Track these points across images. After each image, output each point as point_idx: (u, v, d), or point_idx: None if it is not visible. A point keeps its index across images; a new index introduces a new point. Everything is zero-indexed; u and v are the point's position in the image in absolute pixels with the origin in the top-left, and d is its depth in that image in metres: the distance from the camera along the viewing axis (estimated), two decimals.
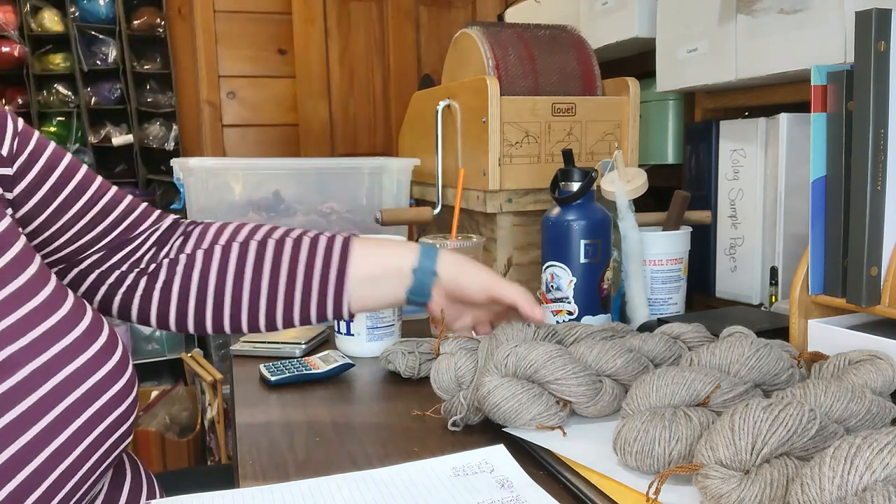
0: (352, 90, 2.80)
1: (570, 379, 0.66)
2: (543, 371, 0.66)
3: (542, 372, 0.66)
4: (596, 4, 1.35)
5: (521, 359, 0.68)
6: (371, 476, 0.60)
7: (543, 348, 0.68)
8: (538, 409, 0.65)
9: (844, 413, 0.57)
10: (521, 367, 0.68)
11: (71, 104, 2.63)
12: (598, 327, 0.80)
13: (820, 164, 0.76)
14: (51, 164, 0.63)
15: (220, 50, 2.68)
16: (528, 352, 0.67)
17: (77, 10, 2.58)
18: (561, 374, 0.66)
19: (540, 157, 1.12)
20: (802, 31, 0.91)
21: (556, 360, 0.67)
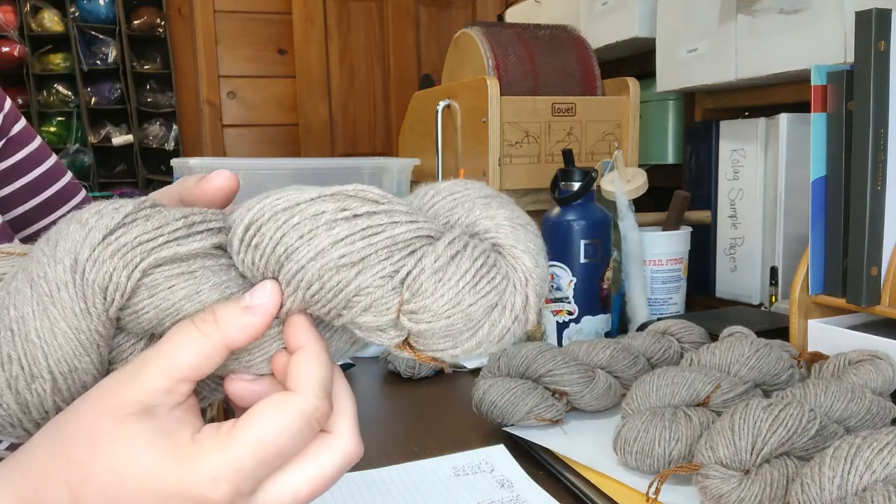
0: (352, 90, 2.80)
1: (561, 369, 0.67)
2: (535, 365, 0.68)
3: (534, 366, 0.68)
4: (596, 4, 1.35)
5: (511, 357, 0.69)
6: (371, 476, 0.60)
7: (533, 345, 0.70)
8: (534, 400, 0.66)
9: (844, 413, 0.57)
10: (513, 365, 0.69)
11: (71, 104, 2.63)
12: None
13: (820, 164, 0.76)
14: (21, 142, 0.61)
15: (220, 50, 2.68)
16: (518, 350, 0.69)
17: (77, 10, 2.58)
18: (552, 365, 0.67)
19: (540, 157, 1.12)
20: (802, 31, 0.91)
21: (546, 353, 0.68)
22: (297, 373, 0.31)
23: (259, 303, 0.30)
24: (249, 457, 0.29)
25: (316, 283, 0.30)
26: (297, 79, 2.74)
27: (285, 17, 2.72)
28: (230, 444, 0.29)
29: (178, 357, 0.30)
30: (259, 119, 2.76)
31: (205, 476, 0.28)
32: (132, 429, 0.29)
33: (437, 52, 2.82)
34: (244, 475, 0.29)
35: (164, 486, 0.28)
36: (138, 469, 0.28)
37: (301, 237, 0.30)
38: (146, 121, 2.72)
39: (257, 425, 0.29)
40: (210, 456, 0.29)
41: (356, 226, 0.30)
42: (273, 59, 2.74)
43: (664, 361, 0.75)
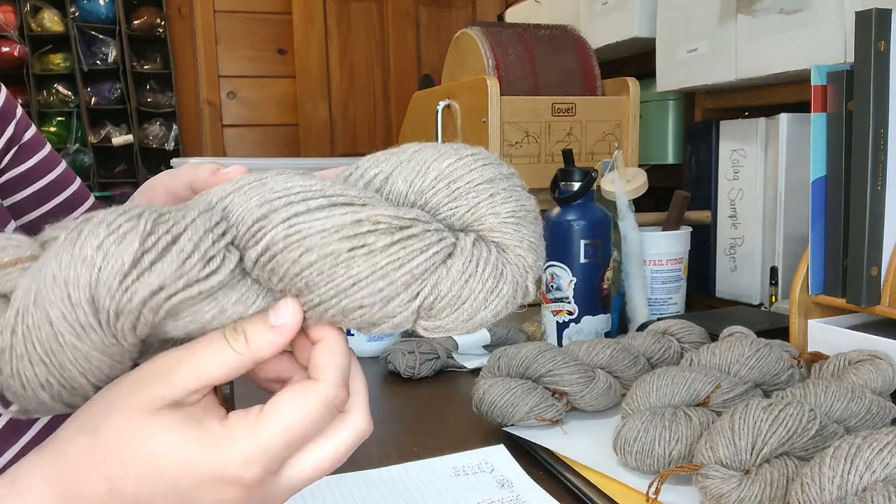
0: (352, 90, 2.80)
1: (561, 369, 0.67)
2: (535, 365, 0.68)
3: (534, 366, 0.68)
4: (596, 4, 1.35)
5: (511, 357, 0.69)
6: (371, 476, 0.60)
7: (533, 345, 0.70)
8: (534, 400, 0.66)
9: (844, 413, 0.57)
10: (513, 365, 0.69)
11: (71, 104, 2.63)
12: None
13: (820, 164, 0.76)
14: None
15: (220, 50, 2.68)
16: (518, 350, 0.69)
17: (77, 10, 2.58)
18: (552, 365, 0.67)
19: (540, 157, 1.12)
20: (802, 31, 0.91)
21: (546, 353, 0.68)
22: (319, 362, 0.33)
23: (284, 322, 0.32)
24: (277, 440, 0.31)
25: (339, 315, 0.32)
26: (297, 79, 2.74)
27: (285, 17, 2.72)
28: (259, 428, 0.31)
29: (210, 366, 0.32)
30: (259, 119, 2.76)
31: (237, 459, 0.31)
32: (165, 421, 0.31)
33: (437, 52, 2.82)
34: (272, 456, 0.31)
35: (199, 470, 0.31)
36: (175, 456, 0.30)
37: (321, 274, 0.31)
38: (146, 121, 2.72)
39: (284, 411, 0.32)
40: (241, 440, 0.31)
41: (376, 264, 0.31)
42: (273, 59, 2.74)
43: (664, 361, 0.75)
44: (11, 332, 0.30)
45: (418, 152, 0.35)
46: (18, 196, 0.61)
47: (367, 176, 0.35)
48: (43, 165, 0.62)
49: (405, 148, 0.35)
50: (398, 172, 0.34)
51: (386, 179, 0.34)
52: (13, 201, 0.60)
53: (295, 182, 0.32)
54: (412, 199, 0.34)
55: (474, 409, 0.68)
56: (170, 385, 0.31)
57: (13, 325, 0.30)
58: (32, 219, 0.62)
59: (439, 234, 0.33)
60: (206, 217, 0.31)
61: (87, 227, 0.30)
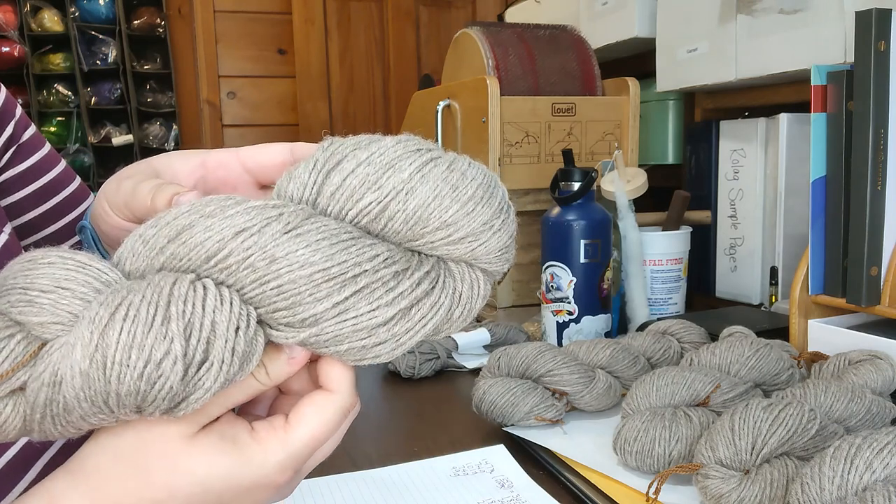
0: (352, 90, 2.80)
1: (561, 369, 0.67)
2: (535, 365, 0.67)
3: (534, 366, 0.68)
4: (596, 4, 1.35)
5: (511, 357, 0.69)
6: (371, 476, 0.60)
7: (533, 345, 0.69)
8: (534, 400, 0.66)
9: (844, 413, 0.57)
10: (513, 365, 0.69)
11: (71, 104, 2.63)
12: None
13: (820, 164, 0.76)
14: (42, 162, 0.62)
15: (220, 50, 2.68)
16: (518, 350, 0.69)
17: (77, 10, 2.58)
18: (552, 365, 0.67)
19: (540, 157, 1.12)
20: (802, 31, 0.91)
21: (546, 353, 0.68)
22: (332, 375, 0.37)
23: (299, 356, 0.36)
24: (305, 447, 0.36)
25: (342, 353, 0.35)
26: (297, 79, 2.74)
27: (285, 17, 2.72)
28: (289, 439, 0.36)
29: (234, 396, 0.36)
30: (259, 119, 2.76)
31: (274, 468, 0.35)
32: (204, 444, 0.34)
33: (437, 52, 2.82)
34: (301, 460, 0.36)
35: (242, 482, 0.35)
36: (220, 475, 0.34)
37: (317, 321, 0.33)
38: (146, 121, 2.72)
39: (310, 422, 0.36)
40: (276, 452, 0.35)
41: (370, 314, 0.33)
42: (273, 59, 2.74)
43: (664, 361, 0.75)
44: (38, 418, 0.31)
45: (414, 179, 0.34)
46: (17, 195, 0.61)
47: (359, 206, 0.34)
48: (42, 165, 0.62)
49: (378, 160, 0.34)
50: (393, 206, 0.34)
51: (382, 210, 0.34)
52: (12, 201, 0.60)
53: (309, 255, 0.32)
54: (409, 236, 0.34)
55: (474, 409, 0.68)
56: (200, 414, 0.34)
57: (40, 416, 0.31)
58: (31, 218, 0.62)
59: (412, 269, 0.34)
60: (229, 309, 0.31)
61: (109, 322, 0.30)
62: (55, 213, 0.63)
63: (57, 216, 0.63)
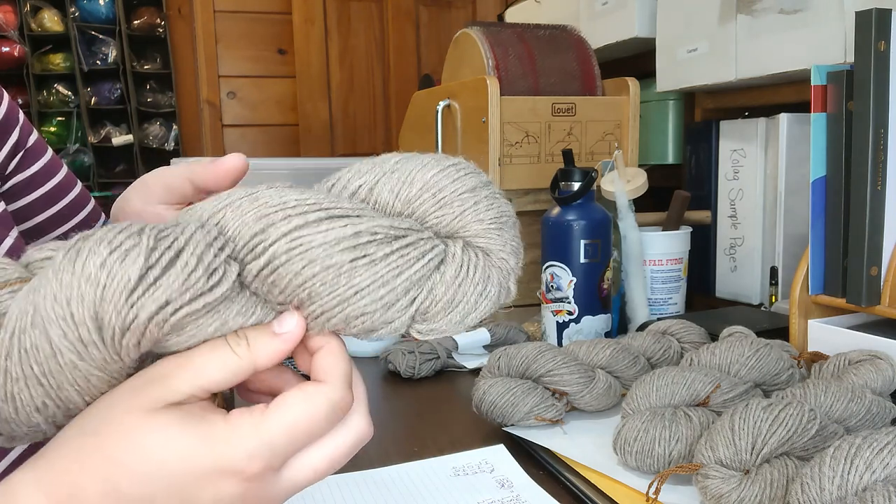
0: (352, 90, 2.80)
1: (561, 369, 0.67)
2: (535, 365, 0.67)
3: (533, 366, 0.68)
4: (596, 4, 1.35)
5: (511, 357, 0.69)
6: (371, 476, 0.60)
7: (533, 345, 0.69)
8: (534, 400, 0.66)
9: (844, 413, 0.57)
10: (513, 365, 0.69)
11: (71, 104, 2.64)
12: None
13: (820, 164, 0.76)
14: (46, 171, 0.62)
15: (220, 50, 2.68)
16: (518, 350, 0.69)
17: (77, 10, 2.58)
18: (552, 365, 0.67)
19: (540, 157, 1.11)
20: (802, 31, 0.91)
21: (546, 353, 0.68)
22: (323, 366, 0.34)
23: (287, 331, 0.33)
24: (282, 436, 0.31)
25: (341, 323, 0.33)
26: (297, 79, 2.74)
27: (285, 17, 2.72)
28: (264, 423, 0.31)
29: (209, 371, 0.32)
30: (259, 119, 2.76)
31: (241, 452, 0.31)
32: (164, 419, 0.31)
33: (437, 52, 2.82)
34: (276, 453, 0.31)
35: (200, 464, 0.30)
36: (177, 453, 0.30)
37: (324, 285, 0.32)
38: (146, 121, 2.72)
39: (290, 409, 0.32)
40: (245, 434, 0.31)
41: (377, 273, 0.32)
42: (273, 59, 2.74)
43: (664, 361, 0.75)
44: (6, 356, 0.30)
45: (401, 163, 0.36)
46: (25, 200, 0.61)
47: (350, 187, 0.36)
48: (46, 170, 0.63)
49: (385, 158, 0.36)
50: (383, 183, 0.35)
51: (371, 190, 0.35)
52: (21, 205, 0.61)
53: (289, 196, 0.33)
54: (399, 208, 0.35)
55: (474, 409, 0.68)
56: (167, 390, 0.31)
57: (8, 349, 0.30)
58: (38, 222, 0.62)
59: (431, 241, 0.34)
60: (203, 231, 0.31)
61: (87, 245, 0.29)
62: (61, 216, 0.64)
63: (63, 220, 0.64)
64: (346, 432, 0.34)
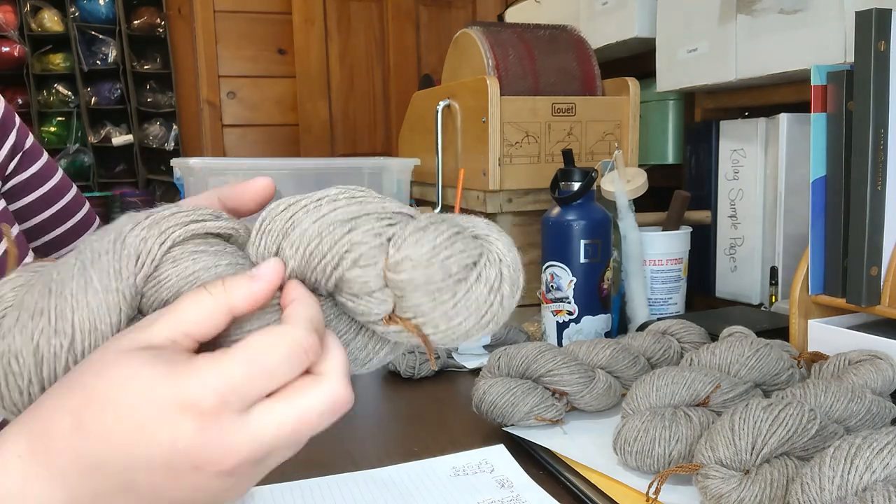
0: (352, 90, 2.80)
1: (561, 369, 0.67)
2: (535, 365, 0.67)
3: (533, 366, 0.68)
4: (596, 4, 1.35)
5: (511, 357, 0.69)
6: (371, 476, 0.60)
7: (533, 345, 0.69)
8: (534, 400, 0.66)
9: (844, 413, 0.57)
10: (513, 365, 0.69)
11: (71, 104, 2.63)
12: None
13: (820, 164, 0.76)
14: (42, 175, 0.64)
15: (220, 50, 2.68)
16: (518, 350, 0.69)
17: (77, 10, 2.58)
18: (552, 365, 0.67)
19: (540, 157, 1.12)
20: (802, 31, 0.91)
21: (546, 353, 0.68)
22: (289, 313, 0.34)
23: (264, 272, 0.34)
24: (239, 371, 0.31)
25: (315, 239, 0.35)
26: (297, 79, 2.74)
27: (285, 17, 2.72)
28: (223, 359, 0.31)
29: (186, 314, 0.32)
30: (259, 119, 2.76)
31: (196, 385, 0.31)
32: (135, 357, 0.31)
33: (437, 52, 2.82)
34: (232, 388, 0.31)
35: (159, 396, 0.30)
36: (137, 384, 0.31)
37: (305, 210, 0.36)
38: (146, 121, 2.72)
39: (249, 345, 0.32)
40: (203, 368, 0.31)
41: (352, 201, 0.36)
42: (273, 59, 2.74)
43: (664, 361, 0.75)
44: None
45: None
46: (26, 200, 0.62)
47: None
48: (44, 172, 0.64)
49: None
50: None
51: None
52: (21, 205, 0.62)
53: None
54: None
55: (474, 409, 0.68)
56: (145, 334, 0.32)
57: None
58: (39, 221, 0.63)
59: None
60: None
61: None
62: (61, 216, 0.65)
63: (62, 219, 0.65)
64: (318, 393, 0.33)
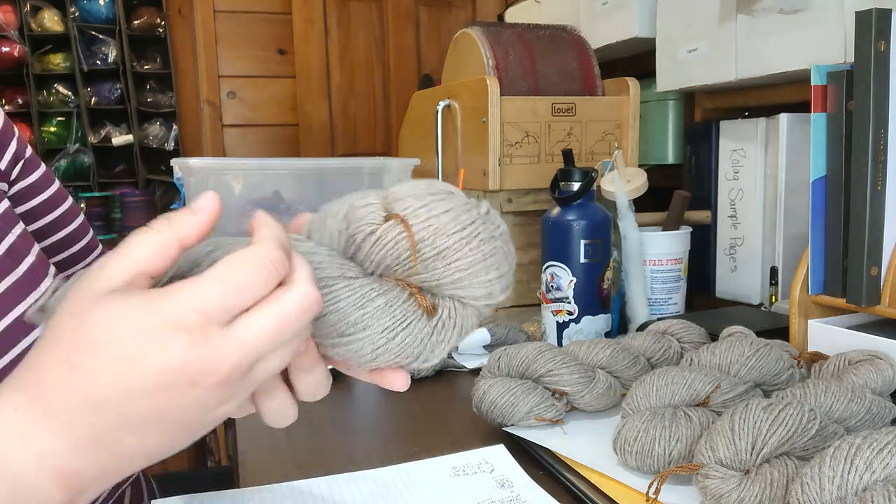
0: (352, 90, 2.80)
1: (561, 369, 0.67)
2: (535, 365, 0.67)
3: (533, 366, 0.68)
4: (596, 4, 1.35)
5: (511, 357, 0.69)
6: (371, 476, 0.60)
7: (533, 345, 0.69)
8: (534, 400, 0.66)
9: (844, 413, 0.57)
10: (513, 365, 0.69)
11: (71, 104, 2.63)
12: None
13: (820, 164, 0.76)
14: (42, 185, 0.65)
15: (220, 50, 2.68)
16: (518, 350, 0.69)
17: (77, 10, 2.58)
18: (552, 365, 0.67)
19: (540, 157, 1.12)
20: (802, 31, 0.91)
21: (546, 353, 0.68)
22: (257, 236, 0.36)
23: (204, 205, 0.36)
24: (215, 287, 0.33)
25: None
26: (297, 79, 2.74)
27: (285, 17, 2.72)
28: (198, 281, 0.34)
29: (135, 253, 0.35)
30: (259, 119, 2.76)
31: (179, 307, 0.33)
32: (108, 298, 0.33)
33: (437, 52, 2.82)
34: (212, 303, 0.33)
35: (145, 323, 0.33)
36: (121, 318, 0.33)
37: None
38: (146, 121, 2.72)
39: (221, 264, 0.34)
40: (182, 290, 0.33)
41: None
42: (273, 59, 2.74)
43: (664, 361, 0.75)
44: None
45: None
46: (31, 203, 0.65)
47: None
48: (44, 180, 0.67)
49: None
50: None
51: None
52: (27, 208, 0.65)
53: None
54: None
55: (474, 409, 0.68)
56: (103, 280, 0.34)
57: None
58: (40, 227, 0.66)
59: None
60: None
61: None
62: (64, 219, 0.67)
63: (65, 223, 0.67)
64: (290, 295, 0.35)
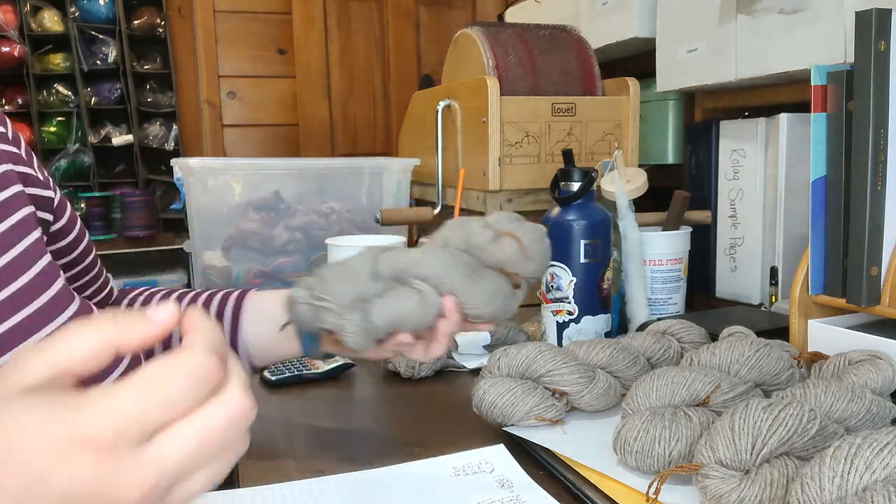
0: (352, 90, 2.80)
1: (561, 369, 0.67)
2: (535, 365, 0.68)
3: (534, 367, 0.68)
4: (596, 4, 1.35)
5: (511, 358, 0.69)
6: (371, 476, 0.60)
7: (533, 345, 0.69)
8: (534, 400, 0.66)
9: (844, 413, 0.57)
10: (513, 365, 0.69)
11: (71, 104, 2.63)
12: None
13: (820, 164, 0.76)
14: None
15: (220, 50, 2.68)
16: (518, 350, 0.69)
17: (77, 10, 2.58)
18: (552, 365, 0.67)
19: (540, 157, 1.12)
20: (802, 31, 0.91)
21: (546, 353, 0.68)
22: (186, 340, 0.32)
23: (161, 317, 0.32)
24: (133, 400, 0.29)
25: None
26: (297, 79, 2.74)
27: (285, 17, 2.72)
28: (117, 390, 0.29)
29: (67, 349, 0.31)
30: (259, 119, 2.76)
31: (90, 420, 0.29)
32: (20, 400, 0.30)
33: (437, 52, 2.82)
34: (128, 418, 0.29)
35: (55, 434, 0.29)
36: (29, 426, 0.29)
37: None
38: (146, 121, 2.72)
39: (144, 375, 0.30)
40: (96, 401, 0.29)
41: None
42: (273, 59, 2.74)
43: (664, 361, 0.75)
44: None
45: None
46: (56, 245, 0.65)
47: None
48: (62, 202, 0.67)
49: None
50: None
51: None
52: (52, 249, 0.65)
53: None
54: None
55: (474, 409, 0.68)
56: (20, 374, 0.30)
57: None
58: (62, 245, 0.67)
59: None
60: None
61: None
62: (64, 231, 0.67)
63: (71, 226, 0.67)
64: (218, 406, 0.31)
